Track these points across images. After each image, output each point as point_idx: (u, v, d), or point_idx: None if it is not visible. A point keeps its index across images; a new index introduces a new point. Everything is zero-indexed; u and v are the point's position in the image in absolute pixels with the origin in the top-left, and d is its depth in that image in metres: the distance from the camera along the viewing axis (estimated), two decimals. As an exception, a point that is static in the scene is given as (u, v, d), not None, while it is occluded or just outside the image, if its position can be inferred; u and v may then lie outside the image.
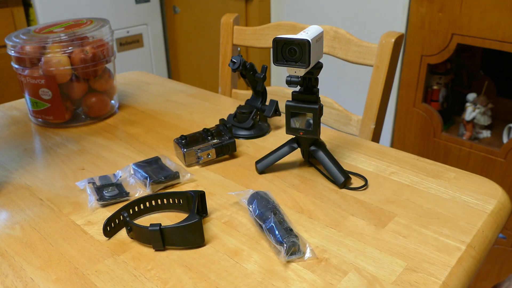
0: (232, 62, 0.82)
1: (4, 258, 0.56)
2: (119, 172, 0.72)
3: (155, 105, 1.03)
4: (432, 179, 0.70)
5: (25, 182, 0.73)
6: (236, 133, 0.86)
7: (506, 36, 1.25)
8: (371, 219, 0.61)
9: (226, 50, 1.21)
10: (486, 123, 1.47)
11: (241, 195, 0.64)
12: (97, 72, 0.93)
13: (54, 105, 0.91)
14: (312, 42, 0.60)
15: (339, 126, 1.04)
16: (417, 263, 0.53)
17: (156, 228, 0.55)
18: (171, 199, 0.64)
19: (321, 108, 0.68)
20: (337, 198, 0.66)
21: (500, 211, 0.62)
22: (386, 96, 0.97)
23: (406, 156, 0.77)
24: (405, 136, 1.59)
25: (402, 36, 0.94)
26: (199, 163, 0.76)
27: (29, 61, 0.89)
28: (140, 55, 2.50)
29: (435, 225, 0.59)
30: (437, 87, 1.53)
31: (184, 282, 0.51)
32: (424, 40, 1.42)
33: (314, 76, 0.66)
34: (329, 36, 1.02)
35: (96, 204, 0.65)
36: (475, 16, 1.29)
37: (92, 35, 0.92)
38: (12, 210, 0.66)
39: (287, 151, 0.73)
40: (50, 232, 0.60)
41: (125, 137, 0.88)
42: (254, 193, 0.62)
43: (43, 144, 0.87)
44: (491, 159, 1.38)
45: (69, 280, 0.52)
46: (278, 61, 0.63)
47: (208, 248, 0.57)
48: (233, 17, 1.18)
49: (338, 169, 0.69)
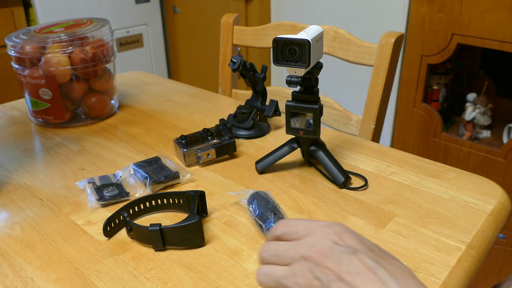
0: (232, 62, 0.82)
1: (4, 258, 0.56)
2: (119, 172, 0.72)
3: (155, 105, 1.03)
4: (432, 179, 0.70)
5: (25, 182, 0.73)
6: (236, 133, 0.86)
7: (506, 36, 1.25)
8: (371, 219, 0.61)
9: (226, 50, 1.21)
10: (486, 123, 1.47)
11: (241, 195, 0.64)
12: (97, 72, 0.93)
13: (54, 105, 0.91)
14: (312, 42, 0.60)
15: (339, 126, 1.04)
16: (417, 263, 0.53)
17: (156, 228, 0.55)
18: (171, 199, 0.64)
19: (321, 108, 0.68)
20: (337, 198, 0.66)
21: (500, 211, 0.62)
22: (386, 96, 0.97)
23: (406, 156, 0.77)
24: (405, 136, 1.59)
25: (402, 36, 0.94)
26: (199, 163, 0.76)
27: (29, 61, 0.89)
28: (140, 55, 2.50)
29: (435, 225, 0.59)
30: (437, 87, 1.53)
31: (184, 282, 0.51)
32: (424, 40, 1.42)
33: (314, 76, 0.66)
34: (329, 36, 1.02)
35: (96, 204, 0.65)
36: (475, 16, 1.29)
37: (92, 35, 0.92)
38: (12, 210, 0.66)
39: (287, 151, 0.73)
40: (50, 232, 0.60)
41: (125, 137, 0.88)
42: (254, 193, 0.62)
43: (43, 144, 0.87)
44: (491, 159, 1.38)
45: (69, 280, 0.52)
46: (278, 61, 0.63)
47: (208, 248, 0.57)
48: (233, 17, 1.18)
49: (338, 169, 0.69)
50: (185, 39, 2.55)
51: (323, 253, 0.38)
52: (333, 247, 0.38)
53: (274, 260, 0.41)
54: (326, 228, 0.40)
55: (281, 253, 0.40)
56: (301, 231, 0.41)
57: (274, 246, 0.41)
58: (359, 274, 0.36)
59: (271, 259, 0.41)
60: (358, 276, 0.36)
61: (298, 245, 0.40)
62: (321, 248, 0.38)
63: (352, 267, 0.37)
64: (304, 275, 0.38)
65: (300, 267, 0.38)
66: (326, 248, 0.38)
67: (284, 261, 0.40)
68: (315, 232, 0.40)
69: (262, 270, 0.41)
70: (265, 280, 0.40)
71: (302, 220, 0.42)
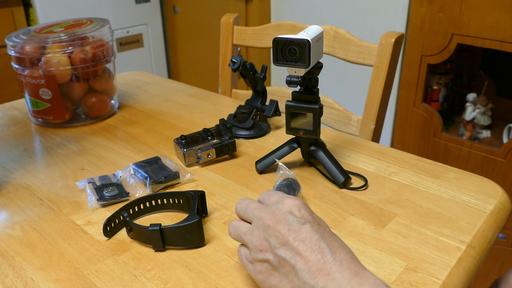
0: (232, 62, 0.82)
1: (4, 258, 0.56)
2: (119, 172, 0.72)
3: (155, 105, 1.03)
4: (432, 179, 0.70)
5: (25, 182, 0.73)
6: (236, 133, 0.86)
7: (506, 36, 1.25)
8: (371, 219, 0.61)
9: (226, 50, 1.21)
10: (486, 123, 1.47)
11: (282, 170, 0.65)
12: (97, 72, 0.93)
13: (54, 105, 0.91)
14: (312, 42, 0.60)
15: (339, 126, 1.04)
16: (417, 263, 0.53)
17: (156, 228, 0.55)
18: (171, 199, 0.64)
19: (321, 108, 0.68)
20: (337, 198, 0.66)
21: (500, 211, 0.62)
22: (386, 96, 0.97)
23: (406, 156, 0.77)
24: (405, 136, 1.59)
25: (402, 36, 0.94)
26: (199, 163, 0.76)
27: (29, 61, 0.89)
28: (140, 55, 2.50)
29: (435, 225, 0.59)
30: (437, 87, 1.53)
31: (184, 282, 0.51)
32: (424, 40, 1.42)
33: (314, 76, 0.66)
34: (329, 36, 1.02)
35: (96, 204, 0.65)
36: (475, 16, 1.29)
37: (92, 35, 0.92)
38: (12, 210, 0.66)
39: (287, 151, 0.73)
40: (50, 232, 0.60)
41: (125, 137, 0.88)
42: (291, 179, 0.63)
43: (43, 144, 0.87)
44: (491, 159, 1.38)
45: (69, 280, 0.52)
46: (278, 61, 0.63)
47: (208, 248, 0.57)
48: (233, 17, 1.18)
49: (338, 169, 0.69)
50: (185, 39, 2.55)
51: (278, 218, 0.45)
52: (288, 216, 0.45)
53: (242, 214, 0.49)
54: (290, 200, 0.47)
55: (249, 211, 0.48)
56: (272, 199, 0.48)
57: (247, 202, 0.49)
58: (303, 241, 0.42)
59: (240, 212, 0.49)
60: (301, 243, 0.42)
61: (263, 208, 0.47)
62: (278, 214, 0.45)
63: (298, 235, 0.43)
64: (258, 234, 0.45)
65: (257, 227, 0.46)
66: (282, 214, 0.45)
67: (248, 217, 0.48)
68: (280, 202, 0.47)
69: (232, 223, 0.49)
70: (232, 232, 0.49)
71: (278, 192, 0.50)
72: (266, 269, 0.44)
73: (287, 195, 0.48)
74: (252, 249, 0.45)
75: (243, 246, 0.48)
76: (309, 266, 0.41)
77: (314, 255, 0.42)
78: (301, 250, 0.42)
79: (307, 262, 0.42)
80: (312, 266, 0.41)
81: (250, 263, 0.46)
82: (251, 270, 0.46)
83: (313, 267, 0.41)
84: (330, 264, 0.41)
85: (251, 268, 0.46)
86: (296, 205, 0.46)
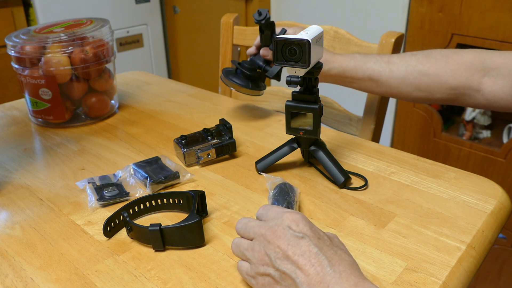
0: (258, 13, 0.78)
1: (4, 258, 0.56)
2: (119, 172, 0.72)
3: (155, 105, 1.03)
4: (432, 179, 0.70)
5: (25, 182, 0.73)
6: (232, 79, 0.86)
7: (506, 36, 1.25)
8: (371, 219, 0.61)
9: (226, 50, 1.21)
10: (486, 123, 1.47)
11: (270, 179, 0.65)
12: (97, 72, 0.93)
13: (54, 105, 0.91)
14: (312, 42, 0.60)
15: (339, 126, 1.04)
16: (417, 263, 0.53)
17: (156, 228, 0.55)
18: (171, 199, 0.64)
19: (321, 108, 0.68)
20: (337, 198, 0.66)
21: (500, 211, 0.62)
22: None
23: (406, 156, 0.77)
24: (405, 136, 1.59)
25: (402, 36, 0.94)
26: (199, 163, 0.76)
27: (29, 61, 0.89)
28: (140, 55, 2.50)
29: (435, 225, 0.59)
30: (437, 87, 1.52)
31: (184, 282, 0.51)
32: (424, 40, 1.42)
33: (314, 76, 0.66)
34: (329, 36, 1.02)
35: (96, 204, 0.65)
36: (475, 16, 1.29)
37: (92, 35, 0.92)
38: (12, 210, 0.66)
39: (287, 151, 0.73)
40: (50, 232, 0.60)
41: (125, 137, 0.88)
42: (282, 183, 0.63)
43: (43, 144, 0.87)
44: (491, 159, 1.38)
45: (69, 280, 0.52)
46: (278, 61, 0.63)
47: (208, 248, 0.57)
48: (233, 17, 1.18)
49: (338, 169, 0.69)
50: (185, 39, 2.55)
51: (277, 234, 0.46)
52: (287, 231, 0.46)
53: (243, 233, 0.50)
54: (288, 214, 0.48)
55: (249, 229, 0.49)
56: (270, 215, 0.49)
57: (246, 221, 0.50)
58: (302, 255, 0.44)
59: (240, 231, 0.50)
60: (300, 257, 0.44)
61: (262, 225, 0.48)
62: (277, 230, 0.46)
63: (297, 249, 0.44)
64: (259, 250, 0.46)
65: (258, 242, 0.47)
66: (281, 230, 0.46)
67: (249, 235, 0.49)
68: (278, 217, 0.48)
69: (234, 241, 0.51)
70: (235, 250, 0.50)
71: (275, 207, 0.51)
72: (269, 282, 0.45)
73: (286, 209, 0.50)
74: (254, 264, 0.47)
75: (243, 261, 0.49)
76: (309, 279, 0.43)
77: (314, 268, 0.43)
78: (301, 264, 0.43)
79: (307, 275, 0.43)
80: (312, 279, 0.42)
81: (253, 277, 0.47)
82: (254, 284, 0.47)
83: (313, 280, 0.42)
84: (329, 276, 0.42)
85: (254, 282, 0.47)
86: (294, 220, 0.47)
